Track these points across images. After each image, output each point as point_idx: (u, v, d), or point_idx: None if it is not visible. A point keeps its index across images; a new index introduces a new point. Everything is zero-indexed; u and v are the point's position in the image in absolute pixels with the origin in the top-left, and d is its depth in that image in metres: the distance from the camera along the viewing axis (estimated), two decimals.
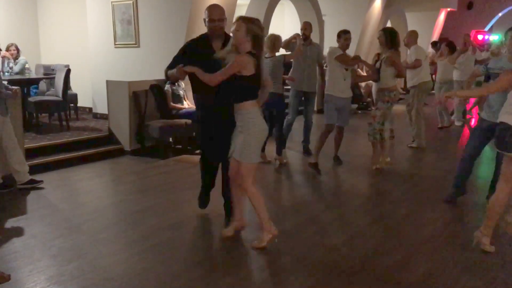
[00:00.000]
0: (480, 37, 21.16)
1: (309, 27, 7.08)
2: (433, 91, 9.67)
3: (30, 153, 6.18)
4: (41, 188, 5.53)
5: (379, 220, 4.70)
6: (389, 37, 6.14)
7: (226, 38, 4.14)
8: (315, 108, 8.50)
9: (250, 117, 3.77)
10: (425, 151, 7.86)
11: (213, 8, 4.15)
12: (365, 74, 10.08)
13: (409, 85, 7.96)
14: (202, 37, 4.27)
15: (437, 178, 6.29)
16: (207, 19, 4.11)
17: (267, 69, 5.78)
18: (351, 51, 6.72)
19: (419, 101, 7.88)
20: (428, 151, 7.92)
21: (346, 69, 6.18)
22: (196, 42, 4.28)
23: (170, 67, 4.20)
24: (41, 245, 4.01)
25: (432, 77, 9.23)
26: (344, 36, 6.14)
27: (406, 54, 8.09)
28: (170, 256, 3.80)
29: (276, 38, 6.33)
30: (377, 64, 6.24)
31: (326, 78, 6.37)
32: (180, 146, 7.53)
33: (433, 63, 10.10)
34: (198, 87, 4.20)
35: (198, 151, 4.62)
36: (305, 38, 6.90)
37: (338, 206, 5.18)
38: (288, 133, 7.20)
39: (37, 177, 5.68)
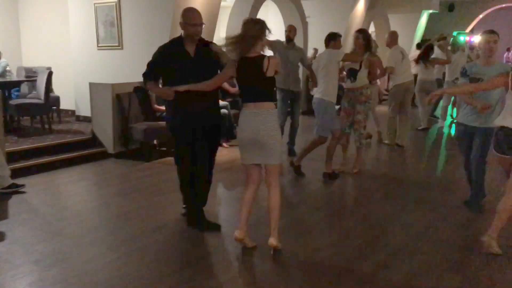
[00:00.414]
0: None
1: (293, 30, 7.07)
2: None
3: (11, 157, 6.09)
4: (23, 192, 5.45)
5: (364, 221, 4.73)
6: (367, 40, 6.16)
7: (201, 41, 4.18)
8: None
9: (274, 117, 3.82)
10: (407, 151, 7.94)
11: (194, 12, 4.14)
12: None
13: (390, 85, 8.10)
14: (176, 41, 4.26)
15: (419, 178, 6.36)
16: (188, 23, 4.08)
17: None
18: None
19: (394, 100, 8.09)
20: (409, 152, 8.00)
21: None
22: (170, 46, 4.26)
23: (148, 75, 4.24)
24: (23, 250, 3.95)
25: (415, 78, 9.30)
26: (339, 38, 6.13)
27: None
28: (155, 259, 3.78)
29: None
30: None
31: (323, 83, 5.94)
32: (165, 148, 7.49)
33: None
34: (180, 94, 4.07)
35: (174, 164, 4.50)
36: (288, 41, 6.92)
37: (322, 207, 5.19)
38: None
39: (19, 181, 5.61)
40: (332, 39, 6.02)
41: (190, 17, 4.09)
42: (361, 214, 4.92)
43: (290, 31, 7.04)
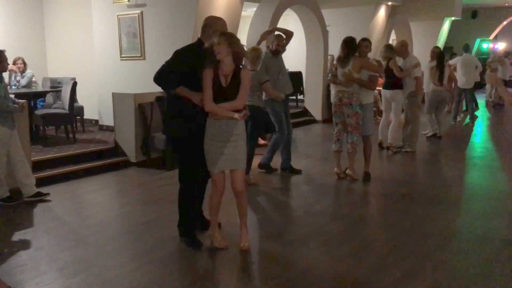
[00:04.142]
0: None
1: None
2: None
3: (37, 166, 6.21)
4: (48, 201, 5.55)
5: (386, 230, 4.68)
6: (347, 47, 6.08)
7: None
8: None
9: (243, 125, 4.01)
10: (428, 158, 7.85)
11: (224, 23, 4.18)
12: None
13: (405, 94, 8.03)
14: (195, 46, 4.20)
15: (442, 186, 6.27)
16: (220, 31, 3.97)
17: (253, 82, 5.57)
18: None
19: (411, 109, 8.03)
20: (430, 159, 7.90)
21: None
22: (192, 51, 4.18)
23: (172, 82, 4.12)
24: (48, 257, 4.02)
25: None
26: (364, 43, 6.14)
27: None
28: (177, 269, 3.80)
29: (260, 53, 6.04)
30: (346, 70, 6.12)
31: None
32: None
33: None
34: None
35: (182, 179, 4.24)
36: (278, 52, 6.46)
37: (343, 216, 5.15)
38: (277, 149, 6.69)
39: (44, 189, 5.71)
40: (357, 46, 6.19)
41: (222, 27, 4.09)
42: (383, 223, 4.87)
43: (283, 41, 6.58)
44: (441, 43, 17.24)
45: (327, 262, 3.92)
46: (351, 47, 6.08)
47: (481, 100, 14.84)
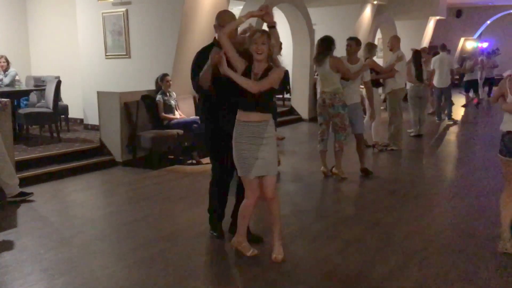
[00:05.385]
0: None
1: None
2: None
3: (20, 166, 6.13)
4: (32, 201, 5.47)
5: (372, 228, 4.69)
6: (323, 46, 6.06)
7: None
8: None
9: (273, 128, 3.79)
10: (414, 156, 7.91)
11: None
12: None
13: (385, 92, 8.17)
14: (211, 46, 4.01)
15: (428, 184, 6.32)
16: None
17: None
18: None
19: (393, 107, 8.14)
20: (416, 157, 7.96)
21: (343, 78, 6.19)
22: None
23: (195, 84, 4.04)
24: (32, 258, 3.96)
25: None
26: (348, 42, 6.28)
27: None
28: (163, 268, 3.77)
29: None
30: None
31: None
32: (172, 157, 7.51)
33: None
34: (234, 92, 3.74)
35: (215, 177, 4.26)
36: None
37: (329, 215, 5.16)
38: None
39: (28, 189, 5.63)
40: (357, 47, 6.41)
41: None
42: (369, 221, 4.88)
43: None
44: (426, 42, 17.41)
45: (314, 260, 3.92)
46: (326, 46, 6.03)
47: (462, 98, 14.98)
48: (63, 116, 8.79)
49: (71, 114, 9.15)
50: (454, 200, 5.59)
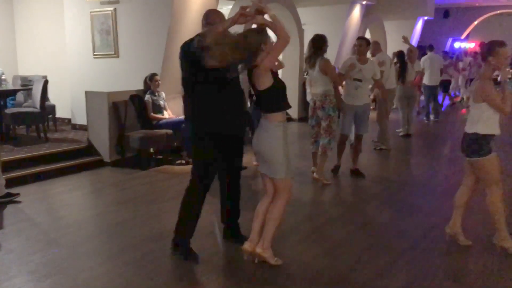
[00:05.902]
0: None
1: None
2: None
3: (7, 166, 6.04)
4: (18, 202, 5.41)
5: (360, 229, 4.71)
6: (315, 46, 6.02)
7: None
8: None
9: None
10: (402, 157, 7.95)
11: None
12: None
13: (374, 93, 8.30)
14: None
15: (415, 184, 6.35)
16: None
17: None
18: (331, 60, 6.59)
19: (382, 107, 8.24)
20: (403, 157, 8.00)
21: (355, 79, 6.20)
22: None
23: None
24: (18, 260, 3.92)
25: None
26: (357, 42, 6.33)
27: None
28: (152, 269, 3.75)
29: None
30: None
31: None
32: (161, 157, 7.47)
33: None
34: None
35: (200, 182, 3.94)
36: None
37: (318, 215, 5.16)
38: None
39: (14, 190, 5.57)
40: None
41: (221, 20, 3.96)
42: (357, 222, 4.90)
43: None
44: (414, 42, 17.51)
45: (302, 261, 3.92)
46: (317, 46, 5.98)
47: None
48: (51, 116, 8.71)
49: (59, 114, 9.08)
50: (442, 200, 5.62)
